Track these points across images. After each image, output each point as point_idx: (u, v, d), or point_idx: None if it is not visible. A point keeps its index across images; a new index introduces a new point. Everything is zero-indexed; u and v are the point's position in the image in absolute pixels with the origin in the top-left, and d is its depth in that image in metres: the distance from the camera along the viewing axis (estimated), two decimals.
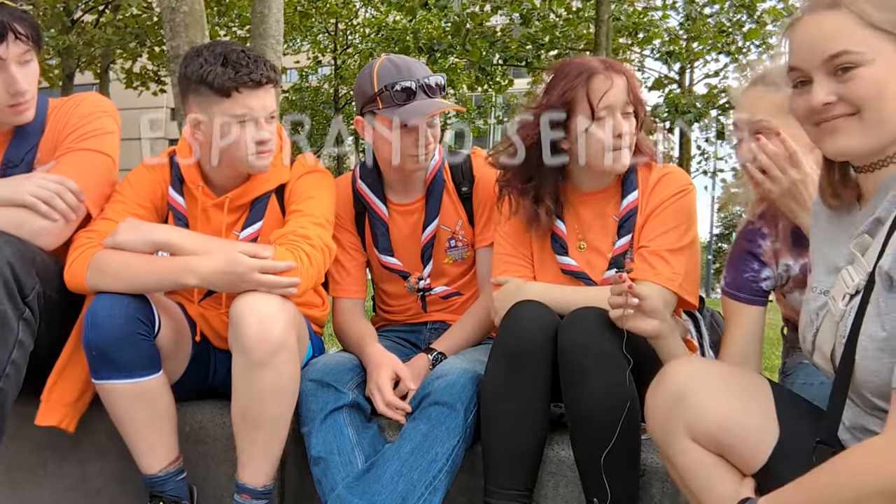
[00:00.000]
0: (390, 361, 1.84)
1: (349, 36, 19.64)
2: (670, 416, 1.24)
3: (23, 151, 1.85)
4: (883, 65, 1.11)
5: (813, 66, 1.16)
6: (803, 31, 1.18)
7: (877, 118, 1.12)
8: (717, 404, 1.21)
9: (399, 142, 1.92)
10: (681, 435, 1.23)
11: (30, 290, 1.60)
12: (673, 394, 1.25)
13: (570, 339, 1.53)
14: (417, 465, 1.60)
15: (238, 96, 1.72)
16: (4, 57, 1.69)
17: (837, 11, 1.14)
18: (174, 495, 1.71)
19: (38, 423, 1.72)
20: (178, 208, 1.89)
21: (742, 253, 1.71)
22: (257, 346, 1.56)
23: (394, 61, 1.93)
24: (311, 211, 1.83)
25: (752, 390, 1.26)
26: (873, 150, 1.15)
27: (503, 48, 11.48)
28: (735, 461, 1.23)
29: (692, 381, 1.24)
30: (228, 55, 1.72)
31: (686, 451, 1.24)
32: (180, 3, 5.01)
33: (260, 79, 1.73)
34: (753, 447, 1.20)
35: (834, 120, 1.15)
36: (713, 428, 1.21)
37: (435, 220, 2.06)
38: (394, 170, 2.03)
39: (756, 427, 1.21)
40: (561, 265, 1.84)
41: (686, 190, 1.81)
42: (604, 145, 1.72)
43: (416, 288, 2.10)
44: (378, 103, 1.91)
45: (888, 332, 1.06)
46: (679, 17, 13.97)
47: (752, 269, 1.68)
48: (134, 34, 13.56)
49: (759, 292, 1.68)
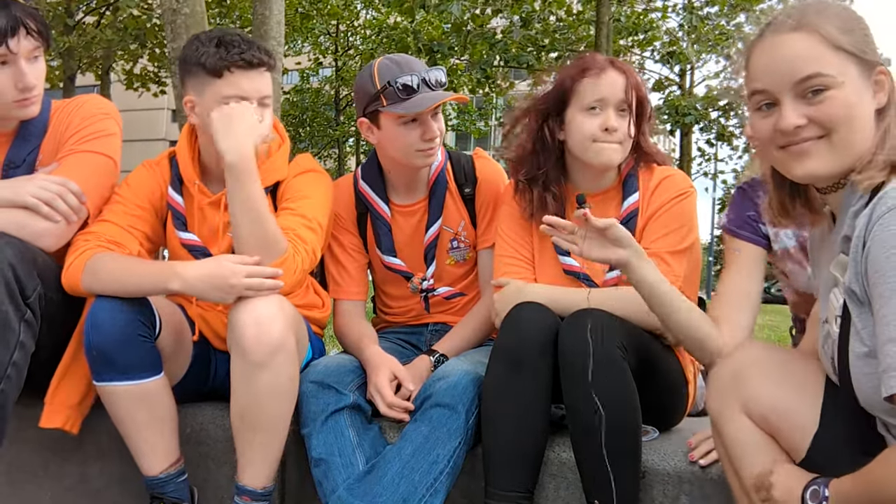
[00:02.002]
0: (388, 363, 1.84)
1: (350, 37, 19.66)
2: (728, 390, 1.30)
3: (24, 152, 1.86)
4: (852, 87, 1.13)
5: (782, 88, 1.15)
6: (769, 53, 1.17)
7: (846, 140, 1.13)
8: (773, 388, 1.26)
9: (405, 138, 1.92)
10: (736, 409, 1.28)
11: (31, 291, 1.60)
12: (735, 370, 1.31)
13: (571, 340, 1.53)
14: (419, 466, 1.60)
15: (229, 76, 1.73)
16: (15, 51, 1.69)
17: (803, 33, 1.14)
18: (175, 497, 1.71)
19: (42, 426, 1.72)
20: (176, 207, 1.89)
21: (742, 196, 1.74)
22: (256, 347, 1.56)
23: (393, 59, 1.94)
24: (305, 212, 1.81)
25: (806, 380, 1.29)
26: (840, 172, 1.15)
27: (504, 50, 11.48)
28: (784, 445, 1.27)
29: (754, 361, 1.30)
30: (223, 37, 1.74)
31: (738, 424, 1.29)
32: (181, 5, 5.02)
33: (251, 59, 1.73)
34: (798, 435, 1.24)
35: (803, 143, 1.14)
36: (765, 409, 1.26)
37: (438, 220, 2.06)
38: (399, 169, 2.03)
39: (802, 416, 1.24)
40: (563, 266, 1.84)
41: (687, 193, 1.81)
42: (589, 136, 1.73)
43: (419, 289, 2.10)
44: (382, 101, 1.90)
45: (868, 347, 1.07)
46: (679, 18, 13.98)
47: (753, 211, 1.69)
48: (134, 36, 13.57)
49: (761, 233, 1.69)
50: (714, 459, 1.59)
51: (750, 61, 1.21)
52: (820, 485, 1.14)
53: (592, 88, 1.73)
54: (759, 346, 1.35)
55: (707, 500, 1.59)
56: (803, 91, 1.14)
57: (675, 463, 1.63)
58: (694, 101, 13.07)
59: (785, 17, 1.17)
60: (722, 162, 17.51)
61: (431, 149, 1.94)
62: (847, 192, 1.17)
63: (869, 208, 1.07)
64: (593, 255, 1.50)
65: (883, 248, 1.02)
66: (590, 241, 1.49)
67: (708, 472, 1.59)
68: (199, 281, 1.62)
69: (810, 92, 1.13)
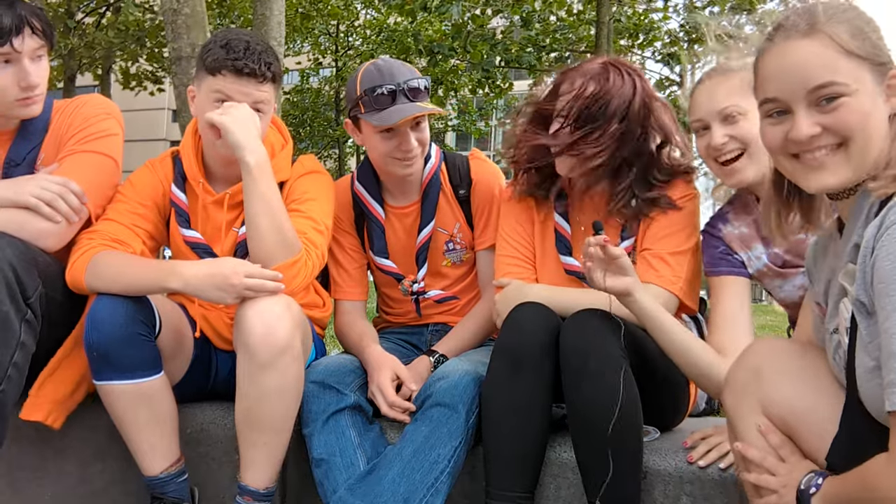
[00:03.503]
0: (390, 362, 1.84)
1: (350, 38, 19.65)
2: (746, 391, 1.27)
3: (25, 150, 1.86)
4: (866, 93, 1.10)
5: (795, 96, 1.11)
6: (780, 60, 1.13)
7: (862, 148, 1.10)
8: (792, 390, 1.22)
9: (383, 146, 1.93)
10: (754, 410, 1.25)
11: (32, 291, 1.60)
12: (752, 369, 1.27)
13: (572, 340, 1.53)
14: (419, 466, 1.60)
15: (220, 77, 1.75)
16: (19, 50, 1.70)
17: (815, 39, 1.10)
18: (175, 497, 1.71)
19: (22, 417, 1.70)
20: (179, 204, 1.90)
21: (708, 239, 1.78)
22: (262, 347, 1.56)
23: (378, 66, 1.93)
24: (313, 215, 1.83)
25: (827, 383, 1.24)
26: (856, 181, 1.13)
27: (504, 50, 11.46)
28: (802, 447, 1.24)
29: (773, 359, 1.26)
30: (232, 40, 1.76)
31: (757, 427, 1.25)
32: (182, 5, 5.01)
33: (242, 67, 1.74)
34: (817, 438, 1.21)
35: (818, 153, 1.12)
36: (784, 411, 1.23)
37: (430, 222, 2.06)
38: (385, 173, 2.04)
39: (821, 417, 1.21)
40: (564, 265, 1.84)
41: (689, 195, 1.81)
42: None
43: (409, 291, 2.10)
44: (360, 108, 1.92)
45: (875, 360, 1.04)
46: (680, 19, 13.97)
47: (721, 246, 1.74)
48: (135, 36, 13.57)
49: (737, 263, 1.73)
50: (713, 460, 1.59)
51: (760, 67, 1.17)
52: (818, 475, 1.15)
53: None
54: (777, 341, 1.29)
55: (708, 500, 1.59)
56: (816, 99, 1.10)
57: (677, 463, 1.63)
58: None
59: (795, 21, 1.13)
60: None
61: (409, 160, 1.94)
62: (860, 198, 1.14)
63: (879, 217, 1.05)
64: (602, 282, 1.53)
65: (889, 259, 0.99)
66: (597, 269, 1.53)
67: (709, 472, 1.59)
68: (198, 280, 1.62)
69: (824, 100, 1.10)
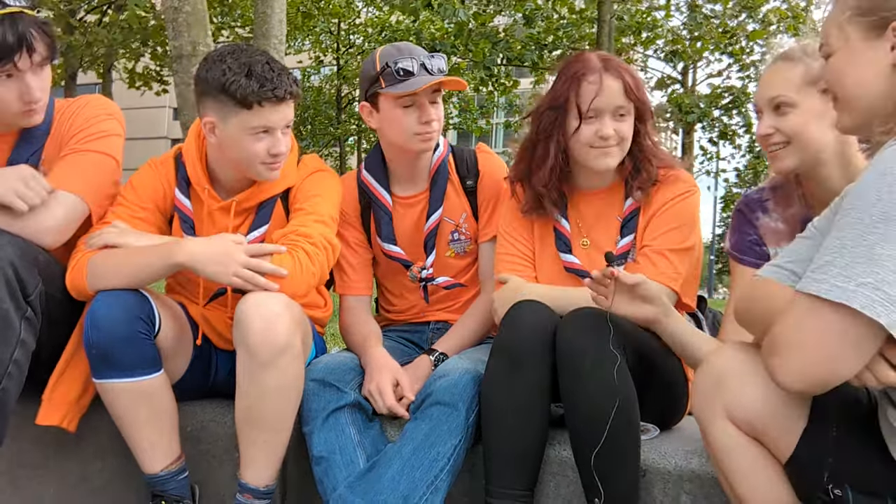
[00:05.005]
0: (393, 367, 1.85)
1: (351, 36, 19.62)
2: (711, 397, 1.28)
3: (28, 153, 1.85)
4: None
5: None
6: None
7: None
8: (755, 390, 1.23)
9: (404, 119, 1.93)
10: (719, 416, 1.26)
11: (32, 289, 1.60)
12: (715, 375, 1.28)
13: (569, 338, 1.53)
14: (419, 464, 1.60)
15: (259, 109, 1.70)
16: (22, 68, 1.68)
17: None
18: (176, 494, 1.72)
19: (38, 423, 1.72)
20: (184, 210, 1.89)
21: (741, 220, 1.76)
22: (262, 346, 1.56)
23: (396, 45, 1.98)
24: (315, 209, 1.83)
25: None
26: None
27: (506, 48, 11.46)
28: (769, 447, 1.25)
29: (735, 365, 1.27)
30: (253, 66, 1.69)
31: (723, 432, 1.27)
32: (183, 3, 5.00)
33: (283, 95, 1.72)
34: (785, 434, 1.22)
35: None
36: (749, 413, 1.24)
37: (438, 209, 2.06)
38: (400, 156, 2.05)
39: (789, 415, 1.22)
40: (564, 263, 1.84)
41: (690, 192, 1.81)
42: (586, 143, 1.75)
43: (418, 278, 2.10)
44: (381, 82, 1.93)
45: None
46: (682, 17, 13.95)
47: (753, 234, 1.73)
48: (137, 34, 13.56)
49: (764, 256, 1.70)
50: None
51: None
52: None
53: (587, 100, 1.73)
54: (739, 349, 1.30)
55: (708, 499, 1.59)
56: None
57: (676, 462, 1.63)
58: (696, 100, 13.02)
59: None
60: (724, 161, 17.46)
61: (429, 133, 1.95)
62: None
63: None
64: (622, 311, 1.53)
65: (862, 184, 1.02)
66: (619, 296, 1.53)
67: (709, 470, 1.59)
68: (202, 254, 1.64)
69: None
